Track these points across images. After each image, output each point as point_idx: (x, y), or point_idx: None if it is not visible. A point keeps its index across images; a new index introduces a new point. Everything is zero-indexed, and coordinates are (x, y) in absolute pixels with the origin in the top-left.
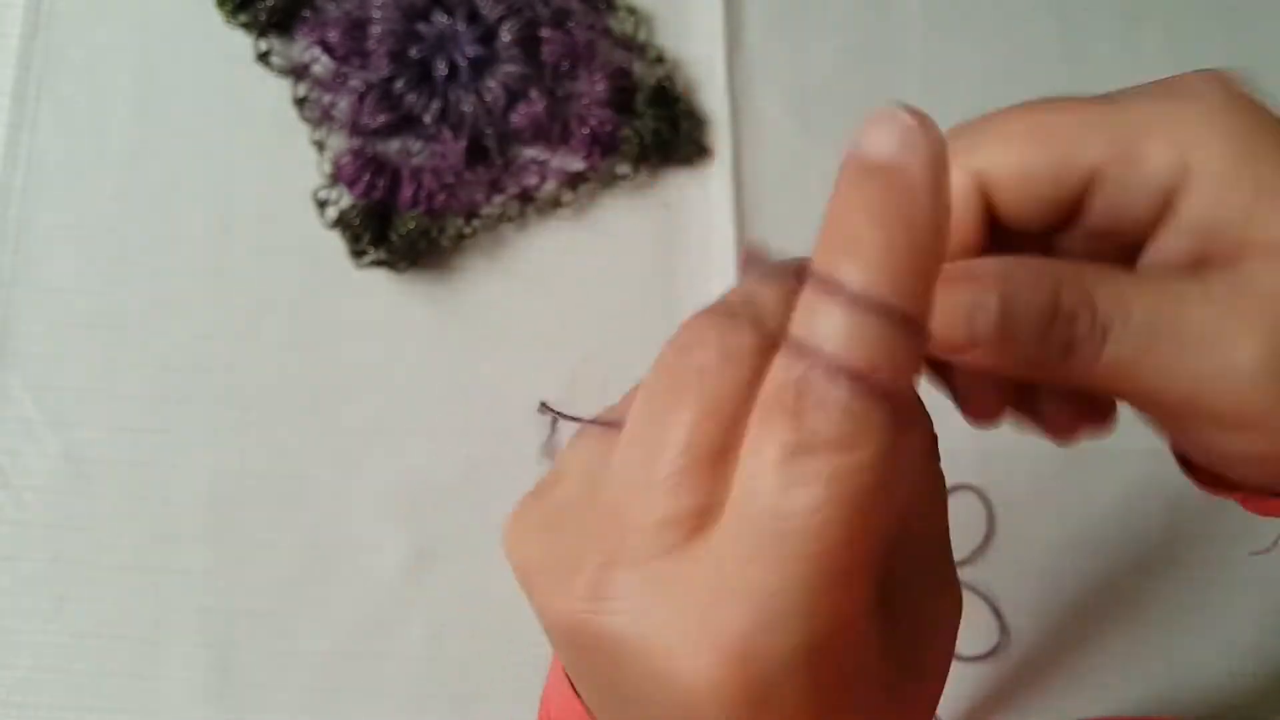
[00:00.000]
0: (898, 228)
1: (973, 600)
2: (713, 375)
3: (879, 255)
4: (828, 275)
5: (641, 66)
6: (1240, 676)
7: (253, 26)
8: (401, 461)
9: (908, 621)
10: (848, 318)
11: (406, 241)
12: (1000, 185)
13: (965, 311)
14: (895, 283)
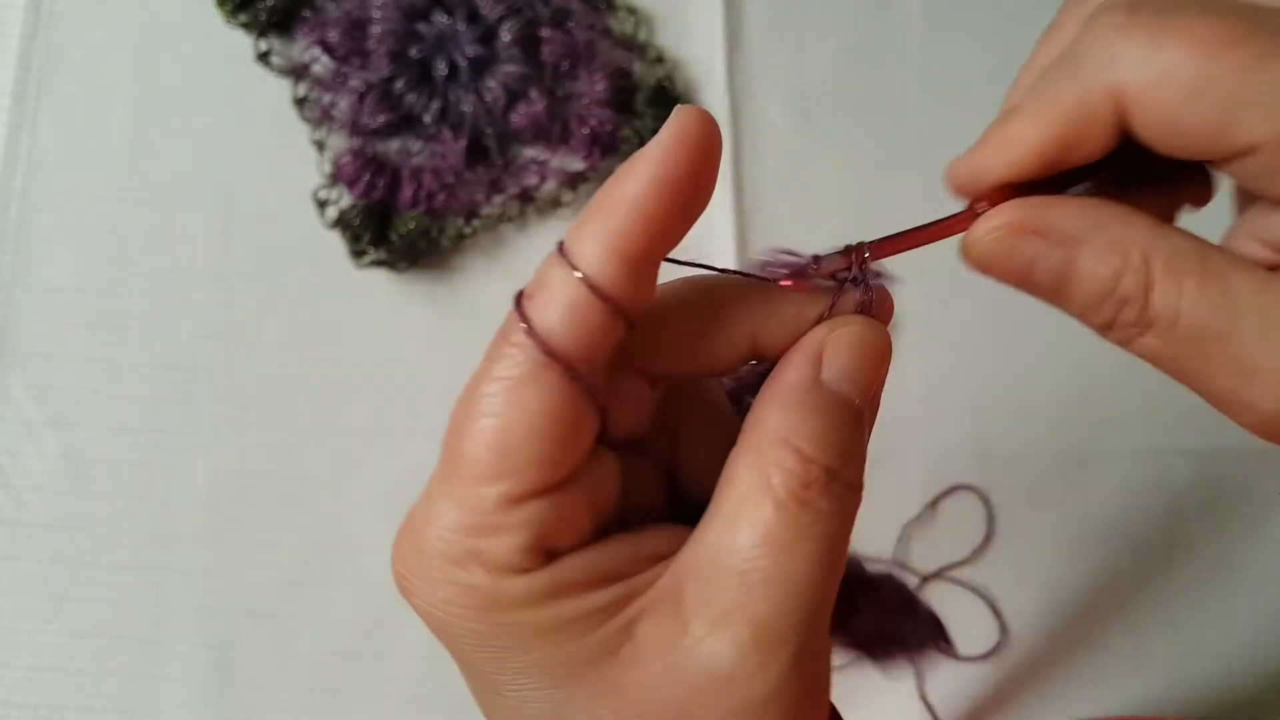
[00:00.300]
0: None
1: (973, 600)
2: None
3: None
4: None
5: (641, 66)
6: (1240, 676)
7: (253, 26)
8: (401, 461)
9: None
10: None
11: (406, 241)
12: (1147, 118)
13: (1027, 260)
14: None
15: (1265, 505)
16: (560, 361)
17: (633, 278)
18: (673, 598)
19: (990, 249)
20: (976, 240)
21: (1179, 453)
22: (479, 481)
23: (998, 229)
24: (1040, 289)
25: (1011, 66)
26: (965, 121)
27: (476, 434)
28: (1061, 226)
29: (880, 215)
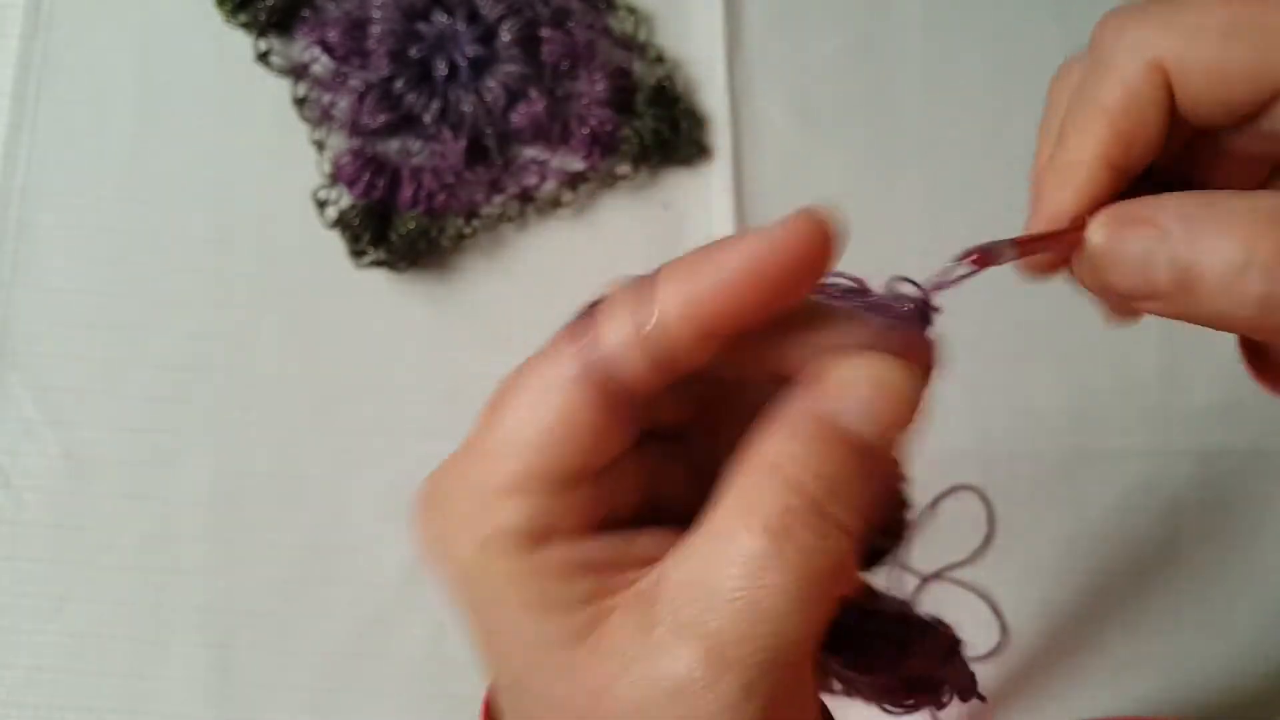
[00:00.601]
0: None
1: (973, 600)
2: None
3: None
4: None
5: (641, 66)
6: (1240, 676)
7: (252, 26)
8: (401, 461)
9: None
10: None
11: (406, 241)
12: (1188, 80)
13: (1142, 259)
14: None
15: (1265, 505)
16: (607, 386)
17: (703, 345)
18: (647, 601)
19: (1102, 251)
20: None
21: (1179, 453)
22: (497, 460)
23: (1104, 226)
24: (1161, 292)
25: (1011, 66)
26: (965, 121)
27: (510, 417)
28: (1161, 209)
29: (881, 215)
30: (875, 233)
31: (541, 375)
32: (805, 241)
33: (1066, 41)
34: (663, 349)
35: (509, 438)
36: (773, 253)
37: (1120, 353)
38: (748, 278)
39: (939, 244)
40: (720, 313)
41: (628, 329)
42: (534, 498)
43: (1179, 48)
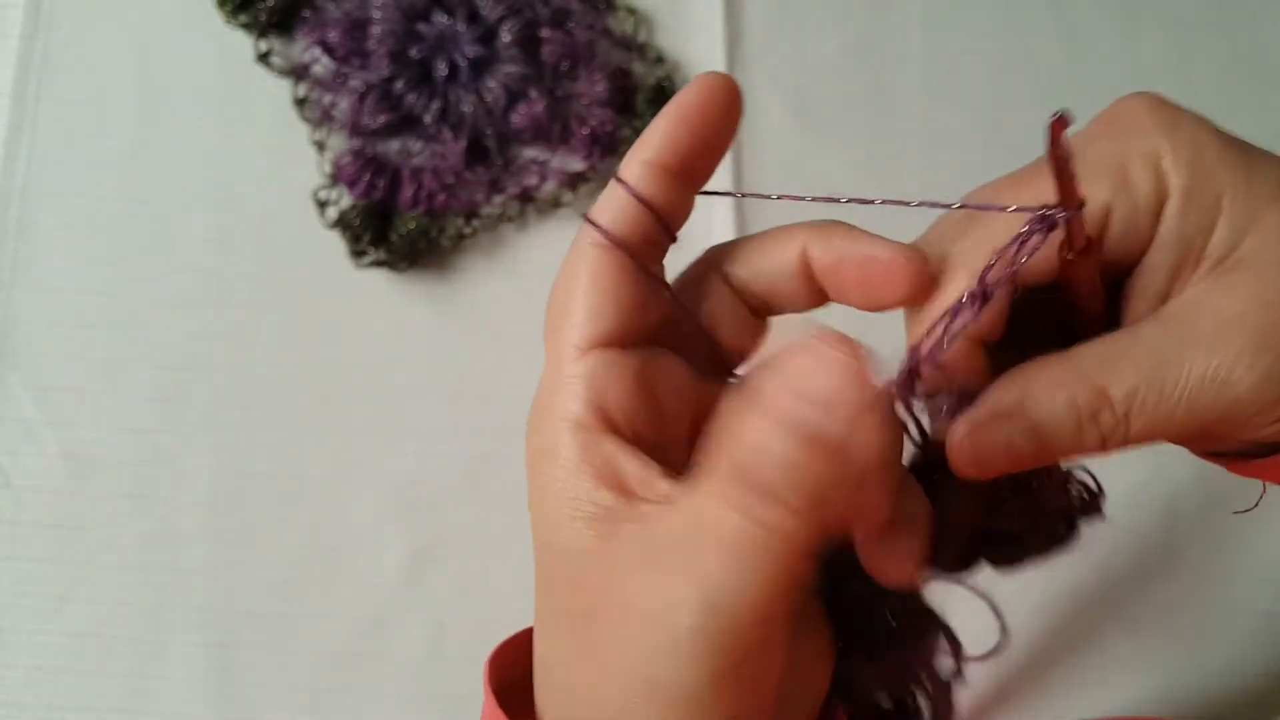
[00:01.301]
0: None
1: (973, 600)
2: None
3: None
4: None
5: (641, 66)
6: (1240, 676)
7: (253, 27)
8: (401, 461)
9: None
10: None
11: (406, 241)
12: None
13: (1005, 446)
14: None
15: (1265, 505)
16: (616, 243)
17: (664, 186)
18: (649, 534)
19: (978, 453)
20: (960, 456)
21: (1178, 453)
22: (556, 338)
23: (963, 439)
24: (1028, 457)
25: (1011, 66)
26: (965, 121)
27: (552, 302)
28: (1005, 399)
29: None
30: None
31: (570, 266)
32: (710, 86)
33: (1064, 41)
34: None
35: (566, 313)
36: (688, 101)
37: None
38: (679, 122)
39: None
40: (671, 155)
41: (612, 206)
42: (590, 360)
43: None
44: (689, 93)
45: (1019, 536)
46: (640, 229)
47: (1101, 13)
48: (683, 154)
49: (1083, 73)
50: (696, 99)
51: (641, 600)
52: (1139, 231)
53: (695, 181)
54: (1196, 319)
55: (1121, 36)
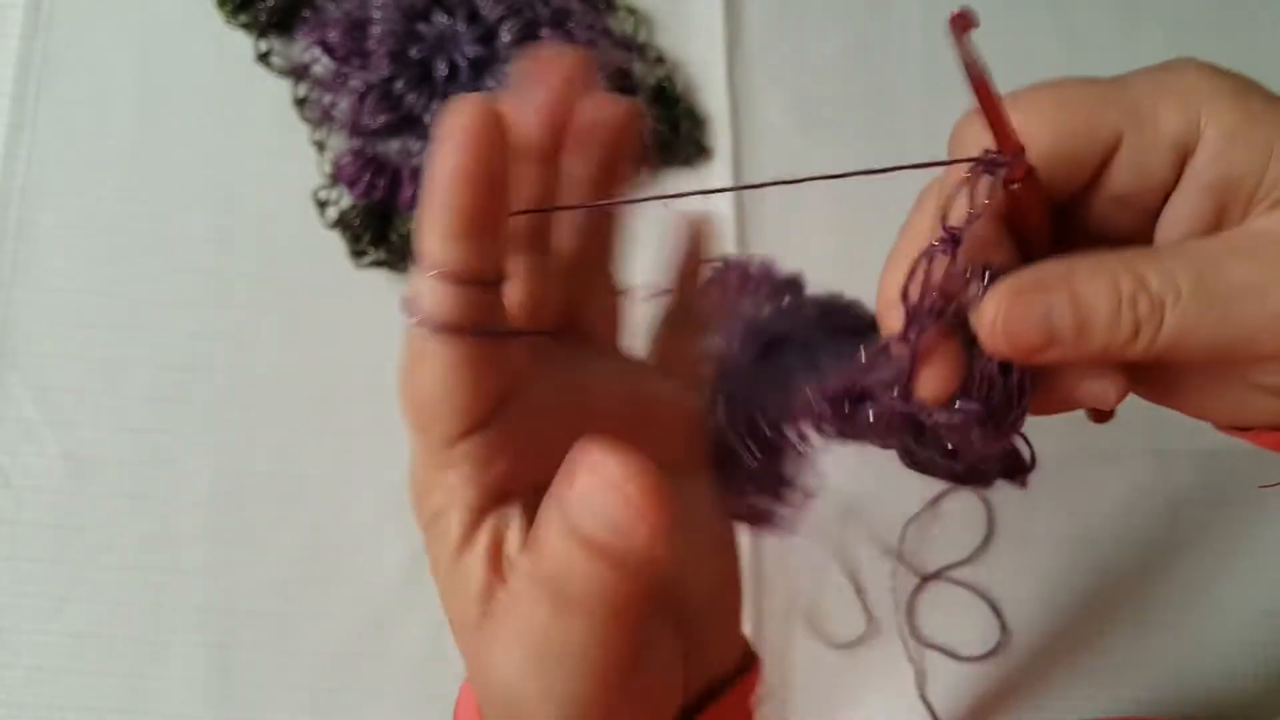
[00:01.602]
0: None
1: (973, 600)
2: None
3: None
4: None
5: (641, 67)
6: (1239, 677)
7: (253, 27)
8: (401, 461)
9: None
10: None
11: (407, 242)
12: (1032, 150)
13: (1041, 317)
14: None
15: (1265, 505)
16: (444, 330)
17: (468, 250)
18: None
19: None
20: (990, 322)
21: (1179, 453)
22: (430, 433)
23: (1001, 306)
24: (1064, 336)
25: (1011, 66)
26: None
27: (416, 402)
28: (1049, 273)
29: (880, 216)
30: (875, 233)
31: (407, 362)
32: (475, 128)
33: (1064, 41)
34: (455, 285)
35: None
36: (450, 154)
37: None
38: (453, 183)
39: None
40: (462, 220)
41: (427, 294)
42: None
43: (1026, 124)
44: (452, 149)
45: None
46: (464, 302)
47: (1101, 13)
48: (475, 213)
49: (1083, 73)
50: (465, 150)
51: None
52: (1155, 168)
53: (499, 225)
54: (1243, 236)
55: (1121, 37)
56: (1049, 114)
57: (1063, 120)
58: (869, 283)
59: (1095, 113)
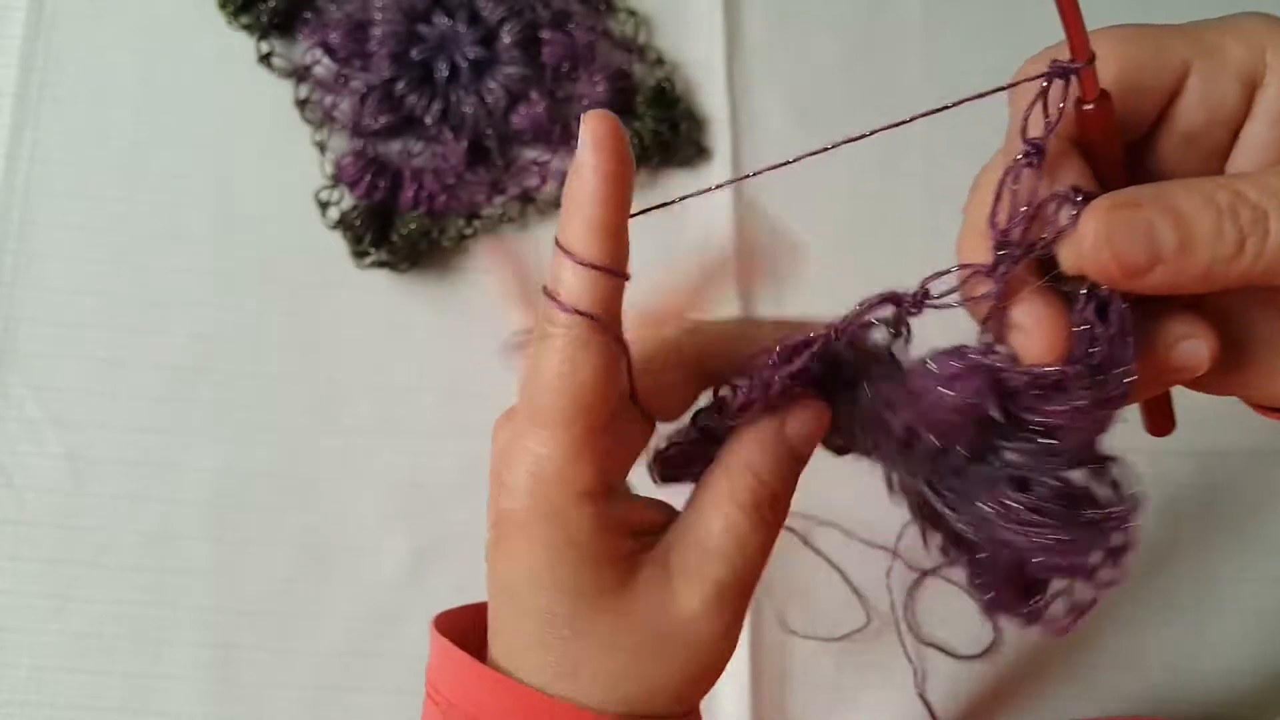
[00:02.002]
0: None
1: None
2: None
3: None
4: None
5: (642, 68)
6: (1238, 676)
7: (255, 28)
8: (401, 461)
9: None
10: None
11: (408, 242)
12: (1103, 78)
13: (1144, 232)
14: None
15: (1265, 505)
16: (603, 327)
17: (614, 245)
18: (663, 558)
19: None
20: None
21: (1178, 453)
22: (556, 426)
23: (1106, 210)
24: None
25: (1011, 66)
26: (965, 122)
27: (545, 391)
28: (1140, 193)
29: (880, 216)
30: (875, 233)
31: (557, 352)
32: (607, 132)
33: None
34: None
35: (561, 403)
36: (598, 156)
37: None
38: (601, 180)
39: (938, 244)
40: (608, 213)
41: (580, 287)
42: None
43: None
44: (602, 154)
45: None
46: (612, 296)
47: (1100, 13)
48: (621, 210)
49: None
50: (611, 154)
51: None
52: (1224, 100)
53: (627, 227)
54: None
55: None
56: (1117, 47)
57: (1131, 53)
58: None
59: (1163, 45)
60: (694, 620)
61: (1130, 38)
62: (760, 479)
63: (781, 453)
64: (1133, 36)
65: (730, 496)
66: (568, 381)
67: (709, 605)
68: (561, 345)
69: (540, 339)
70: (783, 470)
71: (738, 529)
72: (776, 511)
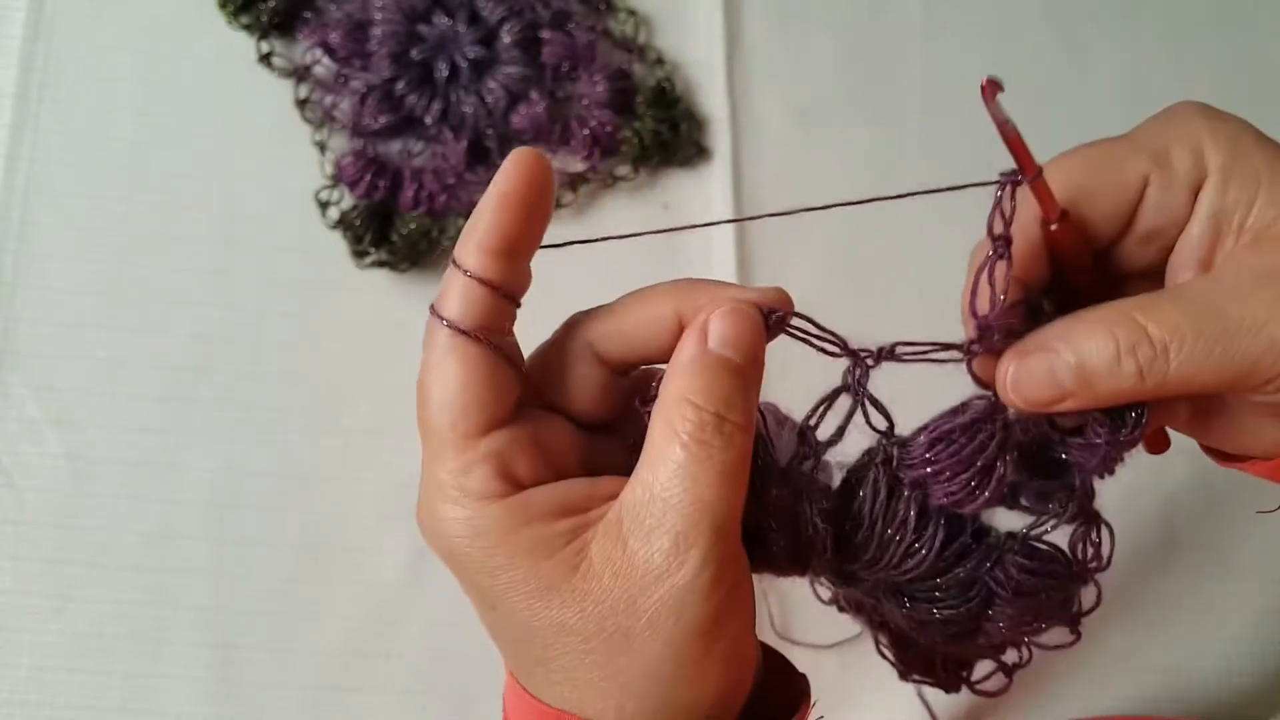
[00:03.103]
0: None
1: None
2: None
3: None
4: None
5: (641, 68)
6: (1238, 675)
7: (255, 28)
8: (402, 461)
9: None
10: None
11: (408, 242)
12: (1071, 208)
13: (1047, 373)
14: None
15: (1263, 506)
16: (465, 334)
17: (501, 265)
18: (615, 525)
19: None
20: (1007, 387)
21: (1177, 452)
22: (443, 433)
23: (1012, 362)
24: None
25: (1011, 66)
26: (965, 122)
27: (430, 400)
28: (1048, 336)
29: (879, 216)
30: (874, 234)
31: (429, 363)
32: (522, 165)
33: (1063, 42)
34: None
35: (438, 414)
36: (506, 184)
37: None
38: (502, 205)
39: (936, 244)
40: (499, 237)
41: (455, 295)
42: (486, 442)
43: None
44: (507, 178)
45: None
46: (490, 310)
47: (1100, 14)
48: (511, 235)
49: (1081, 74)
50: (516, 182)
51: (647, 570)
52: (1175, 206)
53: (527, 254)
54: (1239, 274)
55: (1120, 37)
56: (1080, 176)
57: (1094, 179)
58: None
59: (1123, 163)
60: (663, 576)
61: (1090, 162)
62: (695, 404)
63: (711, 367)
64: (1096, 159)
65: (672, 435)
66: (437, 385)
67: (669, 555)
68: (433, 357)
69: (424, 351)
70: (720, 387)
71: (685, 468)
72: (724, 435)
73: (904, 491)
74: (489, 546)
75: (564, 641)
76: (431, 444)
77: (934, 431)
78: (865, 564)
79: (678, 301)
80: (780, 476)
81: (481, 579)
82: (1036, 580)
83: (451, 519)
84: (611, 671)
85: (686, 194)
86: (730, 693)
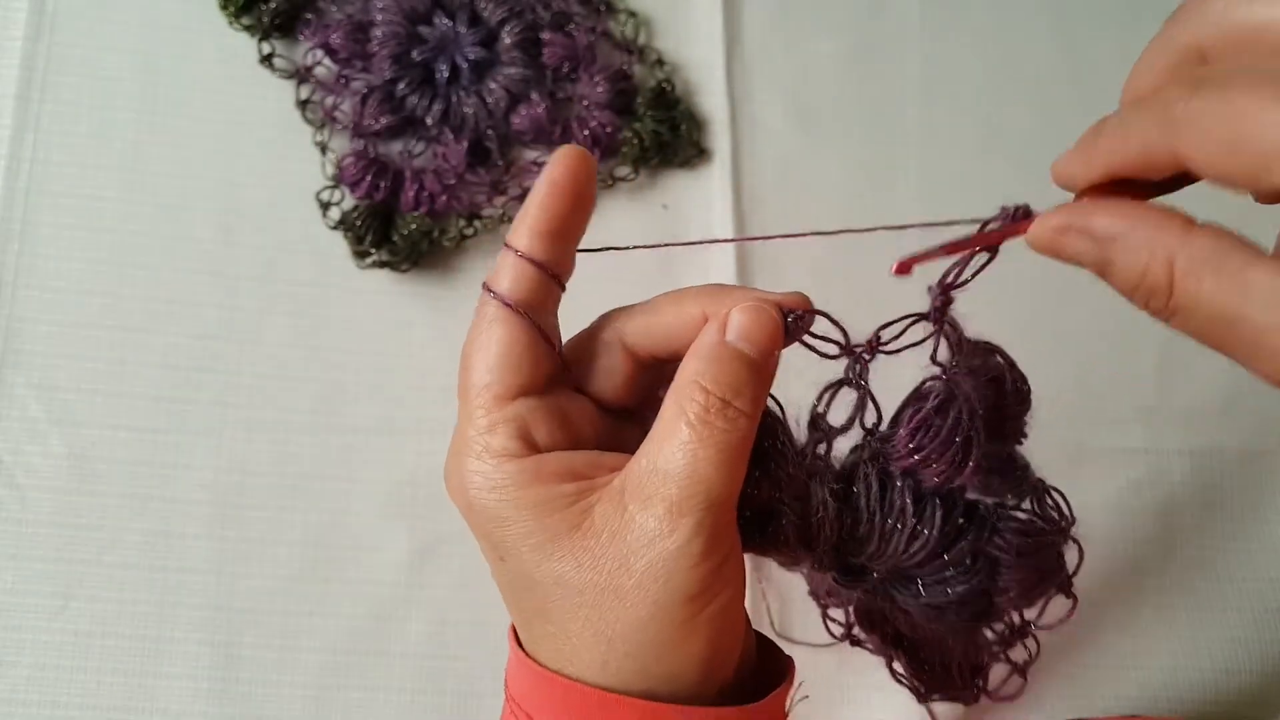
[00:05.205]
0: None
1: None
2: None
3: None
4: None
5: (641, 69)
6: (1238, 676)
7: (256, 29)
8: (402, 461)
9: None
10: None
11: (409, 242)
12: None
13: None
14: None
15: (1264, 505)
16: (513, 308)
17: (548, 247)
18: (618, 491)
19: (1047, 245)
20: (1036, 238)
21: (1176, 452)
22: (478, 394)
23: (1050, 229)
24: (1091, 269)
25: (1010, 66)
26: (964, 122)
27: (471, 364)
28: (1102, 228)
29: (879, 216)
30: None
31: (476, 331)
32: (570, 158)
33: (1062, 43)
34: (533, 269)
35: (478, 375)
36: (555, 175)
37: (1117, 352)
38: (551, 193)
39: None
40: (548, 220)
41: (506, 273)
42: (513, 406)
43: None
44: (555, 169)
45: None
46: (536, 287)
47: (1099, 14)
48: (558, 220)
49: (1080, 75)
50: (563, 173)
51: (641, 534)
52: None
53: (572, 240)
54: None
55: (1119, 37)
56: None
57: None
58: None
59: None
60: (656, 540)
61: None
62: (704, 388)
63: (725, 356)
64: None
65: (680, 414)
66: (479, 352)
67: (663, 521)
68: (479, 322)
69: (473, 322)
70: (731, 375)
71: (688, 445)
72: (728, 419)
73: (896, 482)
74: (502, 500)
75: (560, 593)
76: (466, 406)
77: (912, 422)
78: (873, 555)
79: (706, 303)
80: (796, 458)
81: (494, 530)
82: (1033, 540)
83: (471, 471)
84: (601, 626)
85: (686, 194)
86: (715, 662)
